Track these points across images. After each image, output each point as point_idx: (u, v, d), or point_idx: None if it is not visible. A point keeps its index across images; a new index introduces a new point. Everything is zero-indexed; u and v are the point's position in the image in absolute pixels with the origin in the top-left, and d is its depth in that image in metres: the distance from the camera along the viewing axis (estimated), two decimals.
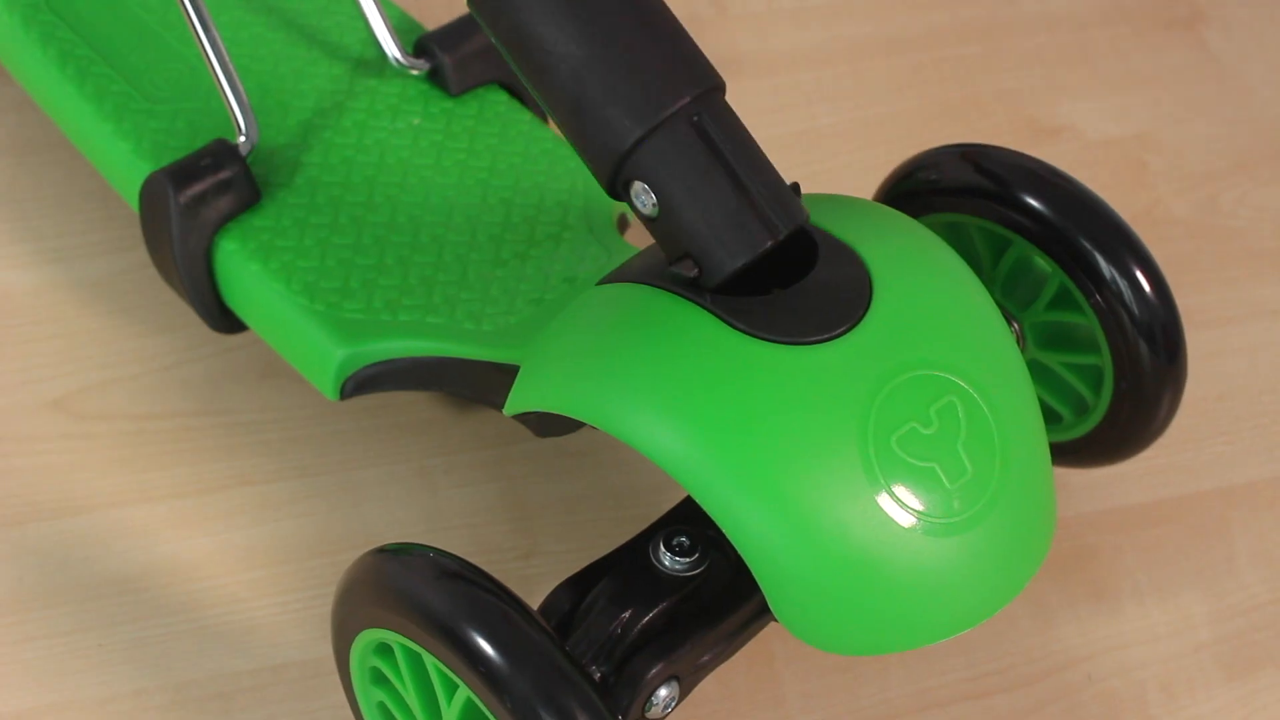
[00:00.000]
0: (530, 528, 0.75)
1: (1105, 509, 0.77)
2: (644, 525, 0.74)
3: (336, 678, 0.70)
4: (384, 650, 0.61)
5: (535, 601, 0.63)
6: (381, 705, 0.63)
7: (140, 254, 0.81)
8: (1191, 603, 0.74)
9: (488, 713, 0.57)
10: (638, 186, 0.57)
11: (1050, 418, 0.71)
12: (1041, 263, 0.67)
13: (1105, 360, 0.67)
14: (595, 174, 0.58)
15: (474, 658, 0.55)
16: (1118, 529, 0.76)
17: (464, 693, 0.57)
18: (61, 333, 0.80)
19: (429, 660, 0.58)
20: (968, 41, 0.94)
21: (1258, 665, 0.73)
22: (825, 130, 0.90)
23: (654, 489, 0.76)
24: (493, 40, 0.57)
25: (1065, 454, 0.72)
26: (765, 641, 0.72)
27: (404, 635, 0.58)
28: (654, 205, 0.57)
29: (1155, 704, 0.71)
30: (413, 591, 0.57)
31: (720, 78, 0.58)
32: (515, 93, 0.78)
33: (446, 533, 0.75)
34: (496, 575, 0.58)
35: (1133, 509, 0.77)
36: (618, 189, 0.58)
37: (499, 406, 0.64)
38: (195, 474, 0.76)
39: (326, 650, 0.71)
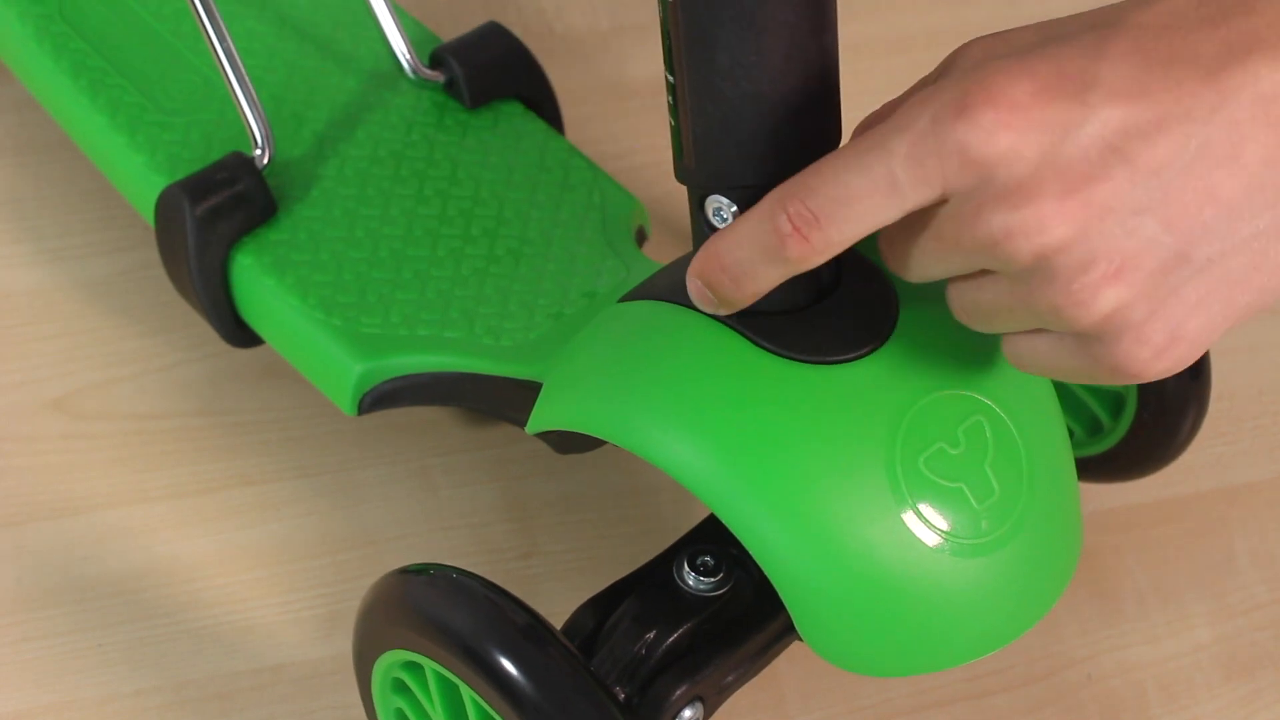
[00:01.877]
0: (530, 528, 0.75)
1: (1105, 509, 0.77)
2: (645, 526, 0.74)
3: (337, 678, 0.70)
4: (411, 666, 0.60)
5: (536, 601, 0.63)
6: (399, 711, 0.63)
7: (140, 254, 0.81)
8: (1191, 603, 0.74)
9: None
10: (727, 202, 0.55)
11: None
12: None
13: (1130, 389, 0.67)
14: (692, 171, 0.56)
15: (500, 682, 0.55)
16: (1118, 529, 0.76)
17: None
18: (61, 333, 0.80)
19: (466, 692, 0.57)
20: None
21: (1258, 665, 0.73)
22: None
23: (653, 489, 0.76)
24: (661, 10, 0.54)
25: (1093, 469, 0.71)
26: None
27: (433, 660, 0.58)
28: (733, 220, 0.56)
29: (1155, 704, 0.71)
30: (438, 616, 0.56)
31: None
32: (531, 105, 0.77)
33: (446, 533, 0.75)
34: (496, 575, 0.58)
35: (1133, 509, 0.77)
36: (700, 192, 0.56)
37: (518, 423, 0.64)
38: (195, 474, 0.76)
39: (326, 650, 0.71)
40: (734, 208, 0.55)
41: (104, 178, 0.80)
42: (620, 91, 0.90)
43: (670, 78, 0.54)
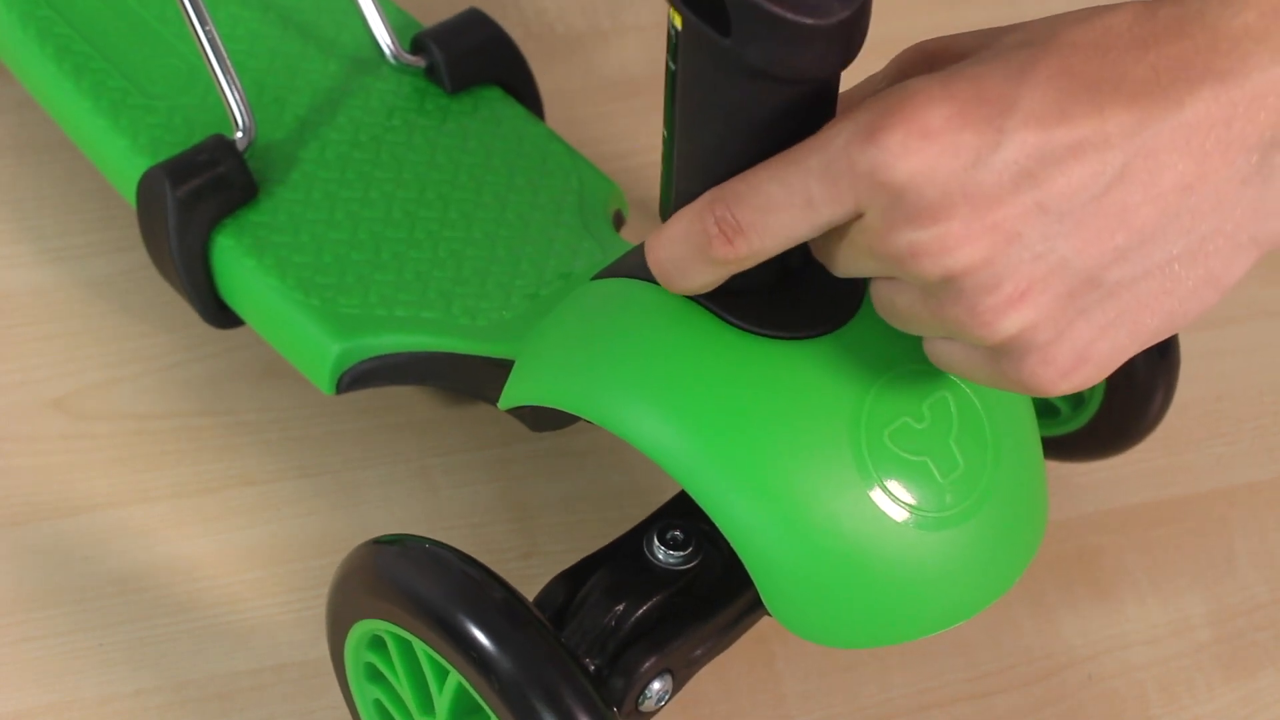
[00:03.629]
0: (530, 528, 0.75)
1: (1106, 509, 0.77)
2: None
3: (337, 678, 0.70)
4: (378, 644, 0.61)
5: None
6: (377, 703, 0.63)
7: (141, 254, 0.81)
8: (1192, 603, 0.74)
9: (480, 701, 0.57)
10: None
11: (1049, 411, 0.71)
12: None
13: None
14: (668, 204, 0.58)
15: (471, 651, 0.55)
16: (1118, 529, 0.76)
17: (454, 679, 0.57)
18: (61, 333, 0.80)
19: (419, 647, 0.58)
20: None
21: (1258, 665, 0.73)
22: None
23: (654, 489, 0.76)
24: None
25: (1063, 448, 0.72)
26: (765, 641, 0.72)
27: (406, 629, 0.58)
28: None
29: (1155, 704, 0.71)
30: (408, 579, 0.57)
31: None
32: (512, 91, 0.78)
33: (446, 533, 0.75)
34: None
35: (1133, 509, 0.77)
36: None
37: (494, 401, 0.65)
38: (196, 474, 0.76)
39: (326, 650, 0.71)
40: None
41: (104, 178, 0.80)
42: (621, 91, 0.90)
43: (665, 133, 0.55)
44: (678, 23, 0.52)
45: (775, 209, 0.51)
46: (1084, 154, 0.48)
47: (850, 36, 0.50)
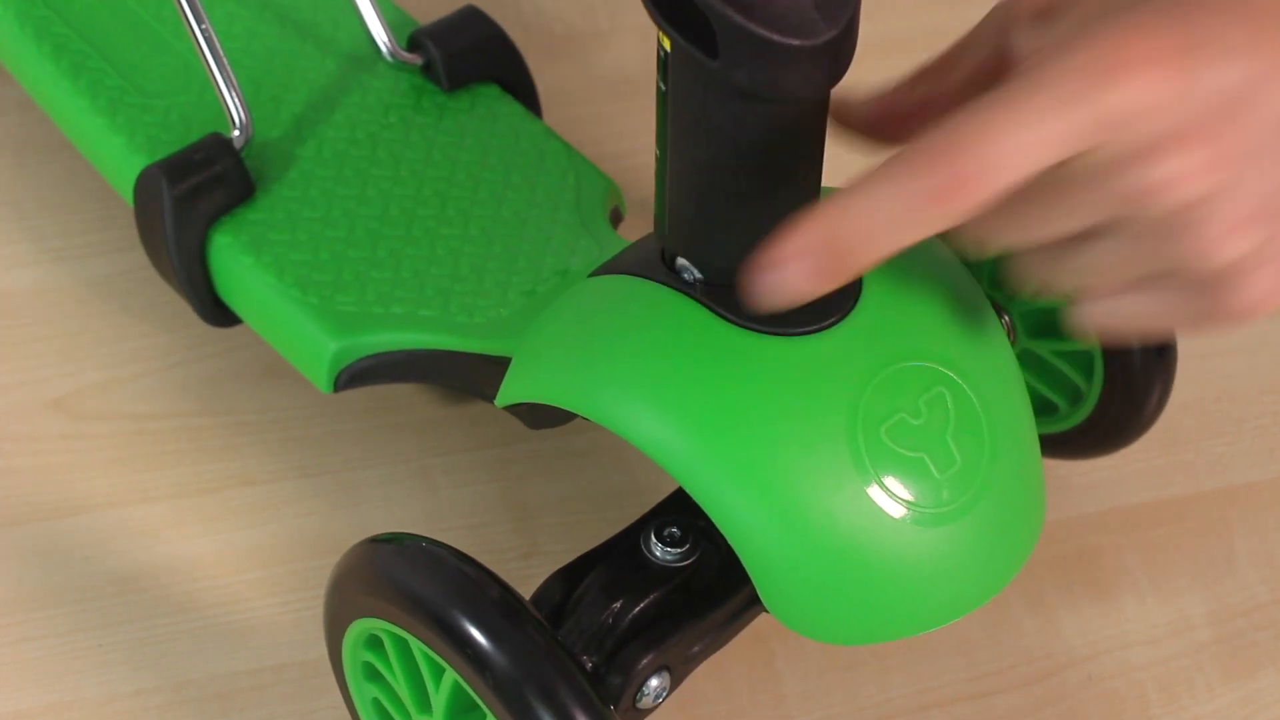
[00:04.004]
0: (530, 528, 0.75)
1: (1105, 509, 0.77)
2: None
3: (335, 677, 0.70)
4: (374, 643, 0.61)
5: None
6: (375, 702, 0.63)
7: (141, 254, 0.81)
8: (1192, 603, 0.74)
9: (477, 699, 0.57)
10: (693, 266, 0.58)
11: (1047, 408, 0.71)
12: None
13: (1094, 345, 0.67)
14: (665, 236, 0.58)
15: (468, 650, 0.55)
16: (1118, 529, 0.76)
17: (451, 676, 0.57)
18: (61, 333, 0.80)
19: (415, 645, 0.58)
20: None
21: (1258, 665, 0.73)
22: None
23: (654, 489, 0.76)
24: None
25: (1061, 445, 0.72)
26: (765, 641, 0.72)
27: (402, 627, 0.58)
28: None
29: (1155, 704, 0.71)
30: (404, 577, 0.57)
31: None
32: (508, 88, 0.78)
33: (446, 533, 0.74)
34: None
35: (1133, 509, 0.77)
36: (671, 251, 0.58)
37: (492, 399, 0.65)
38: (195, 474, 0.76)
39: (326, 650, 0.71)
40: (700, 275, 0.57)
41: (104, 178, 0.80)
42: (621, 91, 0.90)
43: (658, 151, 0.56)
44: (666, 45, 0.52)
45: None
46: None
47: (836, 56, 0.51)
